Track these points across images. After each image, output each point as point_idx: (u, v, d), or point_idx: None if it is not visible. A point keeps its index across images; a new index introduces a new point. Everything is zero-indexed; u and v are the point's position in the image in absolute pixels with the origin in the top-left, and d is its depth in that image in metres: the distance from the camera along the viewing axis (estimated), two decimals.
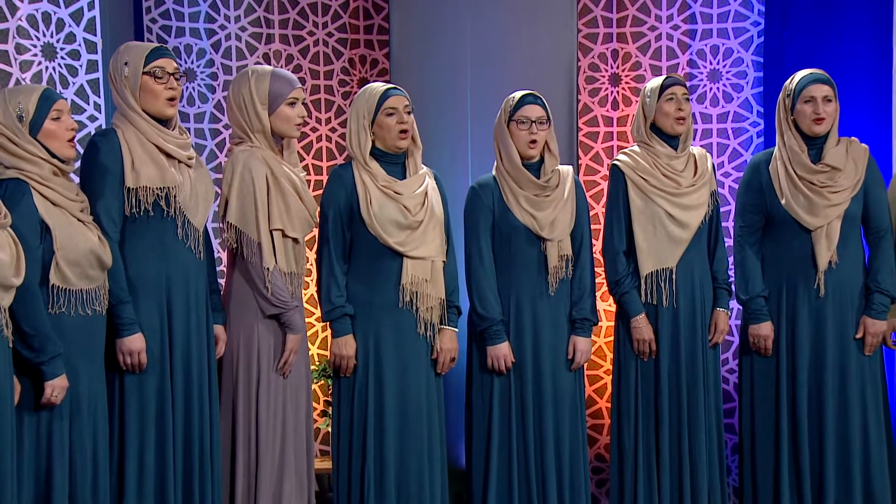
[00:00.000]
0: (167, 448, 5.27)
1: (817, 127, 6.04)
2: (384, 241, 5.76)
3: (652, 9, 7.56)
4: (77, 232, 4.92)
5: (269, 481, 5.59)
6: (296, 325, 5.63)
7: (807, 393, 6.11)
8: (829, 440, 6.09)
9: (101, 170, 5.15)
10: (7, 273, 4.56)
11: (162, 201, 5.23)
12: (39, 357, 4.77)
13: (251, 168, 5.51)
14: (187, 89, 7.25)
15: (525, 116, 5.95)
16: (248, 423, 5.59)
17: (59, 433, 4.89)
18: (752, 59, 7.47)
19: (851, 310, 6.13)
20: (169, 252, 5.28)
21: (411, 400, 5.87)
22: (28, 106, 4.87)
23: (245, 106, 5.59)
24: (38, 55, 5.69)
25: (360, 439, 5.82)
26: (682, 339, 6.14)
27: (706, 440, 6.14)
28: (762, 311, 6.14)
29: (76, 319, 4.95)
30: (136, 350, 5.17)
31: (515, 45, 7.12)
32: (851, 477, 6.10)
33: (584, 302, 6.08)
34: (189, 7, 7.27)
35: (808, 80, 6.06)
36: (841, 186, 6.06)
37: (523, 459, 6.04)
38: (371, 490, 5.79)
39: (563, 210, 6.03)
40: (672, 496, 6.14)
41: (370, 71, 7.74)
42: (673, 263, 6.12)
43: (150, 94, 5.25)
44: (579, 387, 6.17)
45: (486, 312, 6.00)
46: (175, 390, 5.31)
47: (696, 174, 6.18)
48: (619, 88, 7.64)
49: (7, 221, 4.62)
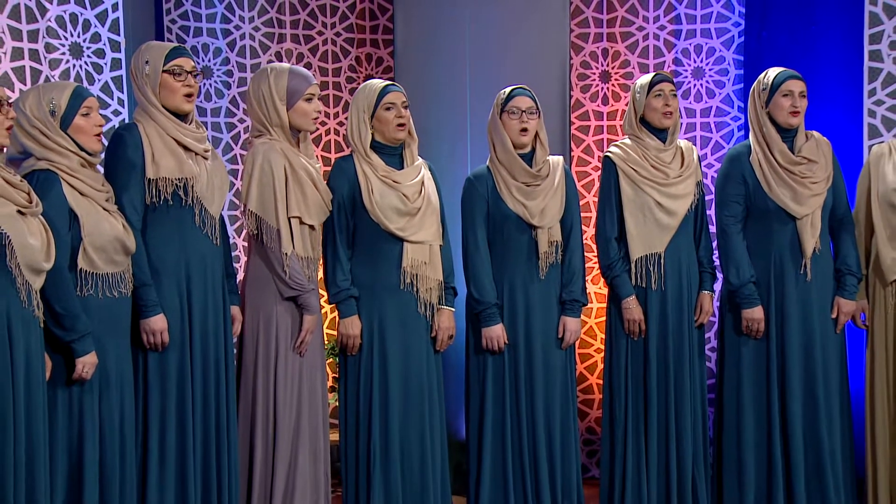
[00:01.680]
0: (187, 420, 5.27)
1: (794, 119, 6.04)
2: (385, 227, 5.76)
3: (640, 10, 7.56)
4: (103, 220, 4.92)
5: (286, 452, 5.59)
6: (312, 307, 5.64)
7: (799, 372, 6.10)
8: (821, 414, 6.10)
9: (125, 162, 5.14)
10: (39, 258, 4.56)
11: (180, 191, 5.22)
12: (70, 336, 4.77)
13: (270, 160, 5.51)
14: (204, 86, 7.26)
15: (516, 107, 5.96)
16: (267, 398, 5.60)
17: (89, 407, 4.89)
18: (733, 58, 7.48)
19: (831, 293, 6.14)
20: (187, 239, 5.28)
21: (413, 376, 5.87)
22: (60, 102, 4.86)
23: (264, 101, 5.59)
24: (65, 54, 5.67)
25: (366, 413, 5.82)
26: (670, 319, 6.13)
27: (691, 413, 6.14)
28: (754, 296, 6.11)
29: (103, 301, 4.95)
30: (158, 330, 5.17)
31: (512, 44, 7.11)
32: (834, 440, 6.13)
33: (574, 284, 6.08)
34: (206, 9, 7.28)
35: (787, 76, 6.06)
36: (819, 178, 6.06)
37: (517, 432, 6.04)
38: (376, 460, 5.80)
39: (553, 199, 6.03)
40: (659, 465, 6.13)
41: (376, 68, 7.75)
42: (661, 249, 6.11)
43: (169, 90, 5.24)
44: (570, 364, 6.17)
45: (481, 296, 6.00)
46: (194, 367, 5.31)
47: (683, 165, 6.18)
48: (609, 85, 7.64)
49: (38, 209, 4.61)
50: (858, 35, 6.77)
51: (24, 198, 4.57)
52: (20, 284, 4.53)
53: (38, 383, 4.63)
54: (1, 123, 4.54)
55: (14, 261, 4.49)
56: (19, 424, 4.53)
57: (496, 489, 6.06)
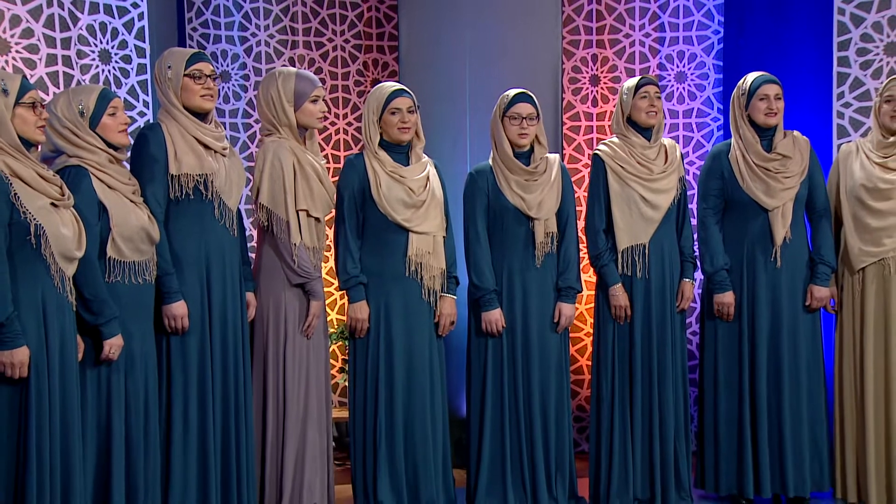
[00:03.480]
0: (207, 397, 5.29)
1: (771, 119, 6.06)
2: (392, 218, 5.77)
3: (626, 19, 7.57)
4: (129, 211, 4.93)
5: (295, 426, 5.62)
6: (318, 293, 5.65)
7: (766, 351, 6.12)
8: (785, 391, 6.12)
9: (149, 159, 5.16)
10: (71, 247, 4.57)
11: (201, 186, 5.23)
12: (98, 319, 4.78)
13: (280, 157, 5.53)
14: (223, 89, 7.26)
15: (517, 113, 5.96)
16: (277, 377, 5.62)
17: (116, 385, 4.91)
18: (713, 63, 7.49)
19: (801, 279, 6.16)
20: (207, 230, 5.29)
21: (417, 358, 5.88)
22: (88, 103, 4.88)
23: (273, 103, 5.59)
24: (95, 59, 5.67)
25: (373, 392, 5.84)
26: (653, 305, 6.14)
27: (672, 391, 6.15)
28: (725, 282, 6.14)
29: (129, 287, 4.96)
30: (179, 315, 5.19)
31: (508, 50, 7.08)
32: (800, 419, 6.15)
33: (570, 273, 6.08)
34: (225, 17, 7.28)
35: (763, 80, 6.08)
36: (792, 172, 6.08)
37: (514, 410, 6.05)
38: (382, 435, 5.83)
39: (550, 193, 6.03)
40: (643, 439, 6.14)
41: (382, 72, 7.74)
42: (646, 240, 6.11)
43: (189, 93, 5.24)
44: (564, 347, 6.18)
45: (482, 283, 6.01)
46: (213, 349, 5.33)
47: (667, 162, 6.18)
48: (599, 88, 7.65)
49: (70, 202, 4.62)
50: (828, 43, 6.78)
51: (57, 191, 4.57)
52: (54, 272, 4.53)
53: (72, 363, 4.64)
54: (36, 123, 4.55)
55: (48, 250, 4.49)
56: (54, 400, 4.53)
57: (494, 463, 6.08)
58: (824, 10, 6.90)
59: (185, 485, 5.26)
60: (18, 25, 5.35)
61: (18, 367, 4.41)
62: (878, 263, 6.07)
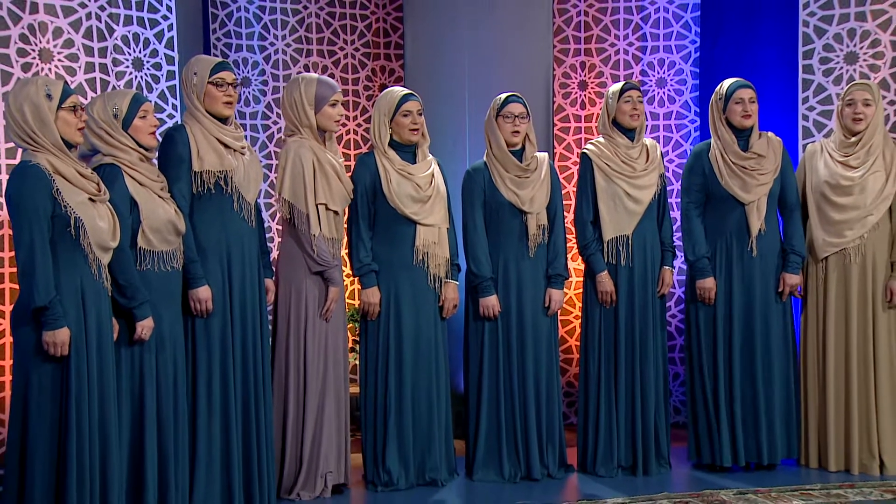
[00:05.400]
0: (229, 374, 5.33)
1: (746, 121, 6.08)
2: (402, 211, 5.81)
3: (612, 29, 7.58)
4: (158, 206, 4.97)
5: (315, 401, 5.66)
6: (336, 280, 5.68)
7: (741, 332, 6.15)
8: (757, 369, 6.14)
9: (175, 157, 5.19)
10: (106, 238, 4.62)
11: (221, 182, 5.26)
12: (131, 303, 4.83)
13: (301, 155, 5.55)
14: (244, 93, 7.27)
15: (510, 112, 5.98)
16: (298, 357, 5.65)
17: (148, 363, 4.95)
18: (690, 70, 7.50)
19: (773, 267, 6.17)
20: (228, 222, 5.31)
21: (423, 339, 5.92)
22: (122, 106, 4.91)
23: (296, 106, 5.61)
24: (129, 67, 5.65)
25: (384, 369, 5.88)
26: (636, 290, 6.16)
27: (653, 369, 6.17)
28: (707, 269, 6.15)
29: (158, 274, 4.99)
30: (204, 298, 5.23)
31: (504, 58, 7.07)
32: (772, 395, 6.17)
33: (559, 261, 6.10)
34: (246, 28, 7.29)
35: (738, 86, 6.09)
36: (766, 170, 6.10)
37: (508, 386, 6.08)
38: (392, 409, 5.88)
39: (540, 189, 6.04)
40: (626, 412, 6.16)
41: (389, 78, 7.74)
42: (629, 231, 6.13)
43: (212, 99, 5.26)
44: (554, 329, 6.20)
45: (479, 271, 6.02)
46: (234, 330, 5.35)
47: (648, 160, 6.19)
48: (586, 92, 7.66)
49: (106, 197, 4.67)
50: (794, 52, 6.78)
51: (94, 187, 4.62)
52: (91, 261, 4.58)
53: (108, 343, 4.69)
54: (76, 125, 4.58)
55: (86, 240, 4.54)
56: (92, 376, 4.58)
57: (491, 434, 6.11)
58: (790, 23, 6.90)
59: (210, 451, 5.29)
60: (60, 37, 5.34)
61: (60, 346, 4.46)
62: (840, 253, 6.11)
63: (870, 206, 6.05)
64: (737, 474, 6.17)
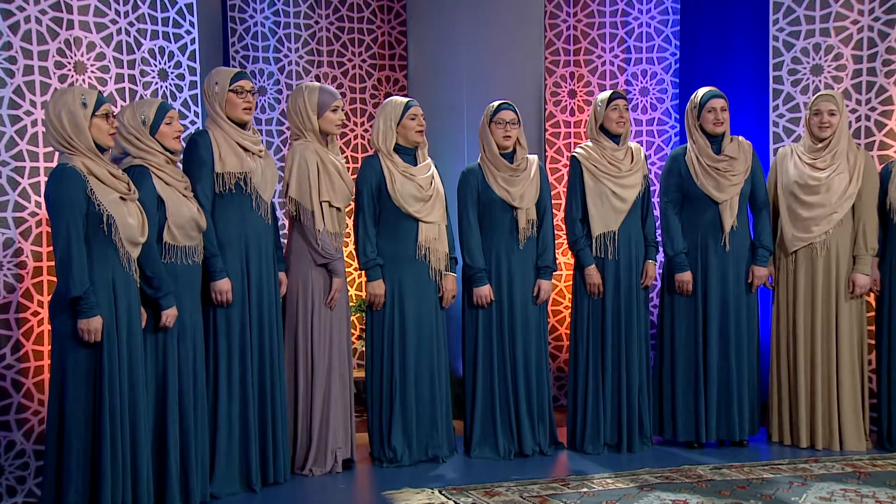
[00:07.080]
0: (246, 359, 5.36)
1: (718, 128, 6.10)
2: (405, 210, 5.82)
3: (599, 43, 7.58)
4: (182, 204, 5.00)
5: (321, 383, 5.68)
6: (339, 272, 5.68)
7: (717, 321, 6.17)
8: (731, 354, 6.17)
9: (198, 160, 5.22)
10: (136, 234, 4.66)
11: (241, 182, 5.29)
12: (157, 294, 4.86)
13: (305, 157, 5.57)
14: (260, 101, 7.27)
15: (501, 119, 5.99)
16: (306, 343, 5.67)
17: (171, 350, 4.97)
18: (671, 80, 7.51)
19: (744, 260, 6.19)
20: (246, 219, 5.33)
21: (424, 327, 5.93)
22: (149, 114, 4.94)
23: (300, 112, 5.64)
24: (154, 77, 5.65)
25: (389, 355, 5.90)
26: (622, 282, 6.18)
27: (637, 355, 6.18)
28: (685, 263, 6.16)
29: (182, 268, 5.03)
30: (224, 290, 5.25)
31: (499, 69, 7.07)
32: (742, 378, 6.21)
33: (547, 254, 6.11)
34: (262, 41, 7.30)
35: (711, 95, 6.11)
36: (738, 171, 6.12)
37: (502, 370, 6.09)
38: (397, 391, 5.89)
39: (530, 187, 6.05)
40: (612, 394, 6.19)
41: (393, 87, 7.75)
42: (616, 227, 6.15)
43: (232, 105, 5.30)
44: (543, 317, 6.21)
45: (473, 263, 6.04)
46: (251, 319, 5.38)
47: (633, 162, 6.21)
48: (575, 100, 7.67)
49: (136, 196, 4.72)
50: (765, 64, 6.79)
51: (125, 187, 4.66)
52: (122, 254, 4.62)
53: (137, 330, 4.72)
54: (108, 131, 4.62)
55: (117, 236, 4.57)
56: (123, 361, 4.61)
57: (486, 414, 6.13)
58: (762, 38, 6.91)
59: (229, 431, 5.32)
60: (93, 50, 5.30)
61: (94, 333, 4.50)
62: (808, 247, 6.14)
63: (835, 204, 6.07)
64: (712, 450, 6.20)
